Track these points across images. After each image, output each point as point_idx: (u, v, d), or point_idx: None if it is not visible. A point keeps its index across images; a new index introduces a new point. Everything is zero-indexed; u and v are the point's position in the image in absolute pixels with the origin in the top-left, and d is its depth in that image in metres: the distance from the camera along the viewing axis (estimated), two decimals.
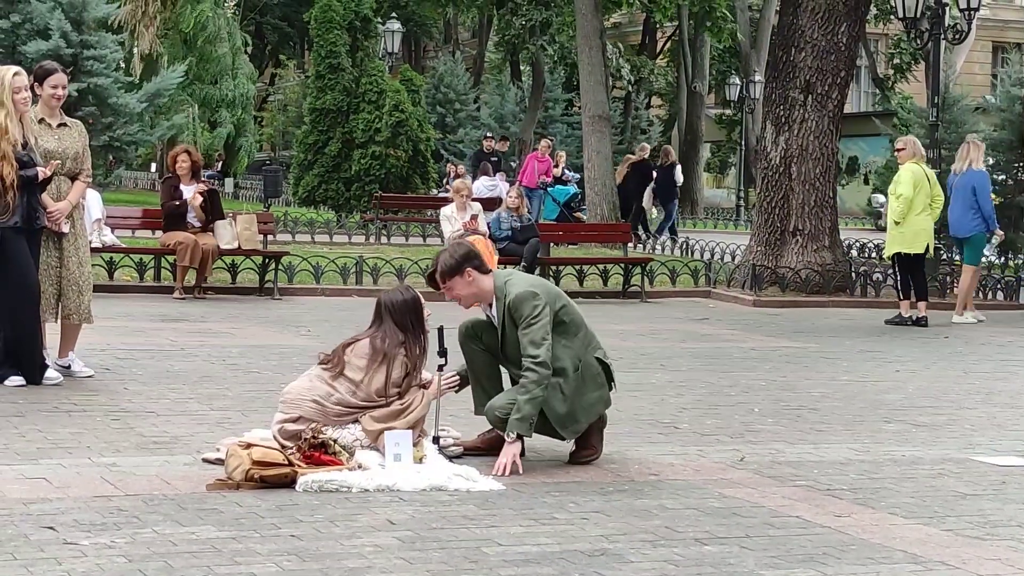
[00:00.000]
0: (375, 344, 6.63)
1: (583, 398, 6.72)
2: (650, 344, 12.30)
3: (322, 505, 5.72)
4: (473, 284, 6.71)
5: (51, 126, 8.79)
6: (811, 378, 10.46)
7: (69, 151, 8.76)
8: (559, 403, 6.65)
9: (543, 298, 6.63)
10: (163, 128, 28.51)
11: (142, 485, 5.93)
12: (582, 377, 6.72)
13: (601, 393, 6.79)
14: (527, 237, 16.63)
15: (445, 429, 6.87)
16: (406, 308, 6.70)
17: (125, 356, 9.95)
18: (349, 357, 6.62)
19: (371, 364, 6.59)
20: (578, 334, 6.76)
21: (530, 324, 6.56)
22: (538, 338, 6.55)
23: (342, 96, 29.14)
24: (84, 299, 8.81)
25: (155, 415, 7.69)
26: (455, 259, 6.72)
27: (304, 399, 6.53)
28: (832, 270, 17.86)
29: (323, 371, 6.65)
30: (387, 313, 6.69)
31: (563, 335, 6.69)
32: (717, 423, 8.24)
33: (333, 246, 21.70)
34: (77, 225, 8.86)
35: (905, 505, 6.16)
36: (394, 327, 6.65)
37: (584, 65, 25.84)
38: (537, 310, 6.59)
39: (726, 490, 6.30)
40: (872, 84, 51.67)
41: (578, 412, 6.71)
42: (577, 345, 6.74)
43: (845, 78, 18.25)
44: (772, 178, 18.15)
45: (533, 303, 6.58)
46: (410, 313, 6.70)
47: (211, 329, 11.97)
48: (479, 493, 6.02)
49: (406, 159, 28.59)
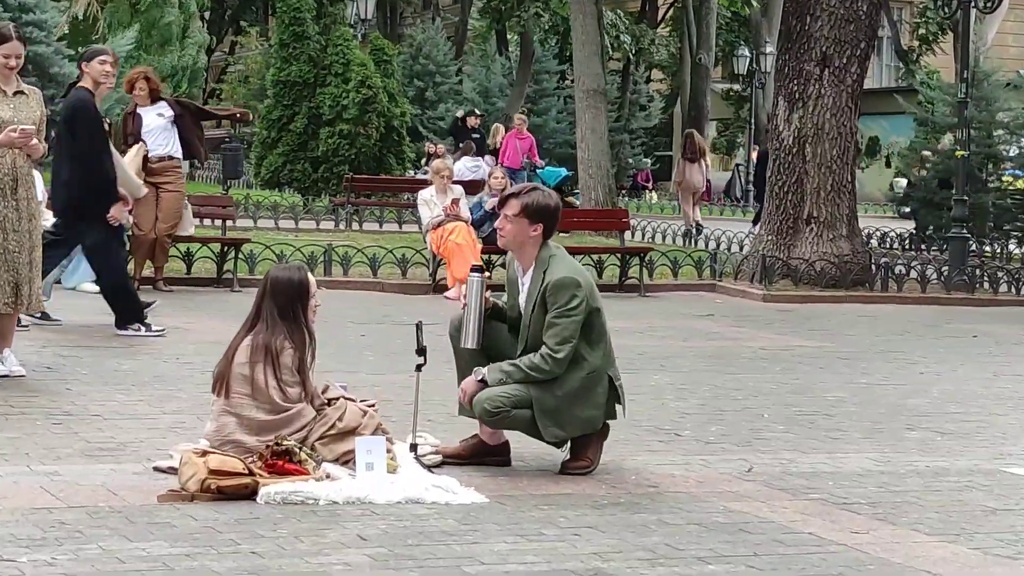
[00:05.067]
0: (256, 341, 6.49)
1: (576, 409, 6.73)
2: (649, 342, 12.32)
3: (286, 519, 5.72)
4: (531, 240, 6.72)
5: (6, 94, 8.78)
6: (826, 380, 10.48)
7: (26, 121, 8.74)
8: (551, 398, 6.67)
9: (584, 292, 6.66)
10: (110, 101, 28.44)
11: (86, 496, 5.92)
12: (587, 389, 6.73)
13: (595, 414, 6.79)
14: None
15: (422, 435, 6.87)
16: (291, 289, 6.57)
17: (68, 354, 9.93)
18: (234, 369, 6.51)
19: (254, 364, 6.47)
20: (600, 343, 6.80)
21: (563, 315, 6.60)
22: (567, 335, 6.60)
23: (308, 67, 29.10)
24: (36, 286, 8.81)
25: (101, 419, 7.67)
26: (546, 205, 6.73)
27: (224, 445, 6.34)
28: (850, 261, 17.89)
29: (217, 401, 6.52)
30: (271, 290, 6.57)
31: (586, 339, 6.71)
32: (722, 430, 8.25)
33: (299, 233, 21.66)
34: (32, 205, 8.85)
35: (929, 521, 6.18)
36: (273, 310, 6.52)
37: (577, 34, 25.83)
38: (575, 302, 6.62)
39: (732, 504, 6.32)
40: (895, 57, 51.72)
41: (565, 418, 6.72)
42: (597, 356, 6.76)
43: (865, 50, 18.27)
44: (785, 160, 18.17)
45: (573, 292, 6.61)
46: (294, 297, 6.57)
47: (164, 324, 11.94)
48: (460, 506, 6.03)
49: (378, 137, 28.57)
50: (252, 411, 6.43)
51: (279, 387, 6.46)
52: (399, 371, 9.14)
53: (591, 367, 6.74)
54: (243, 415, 6.42)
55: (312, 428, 6.48)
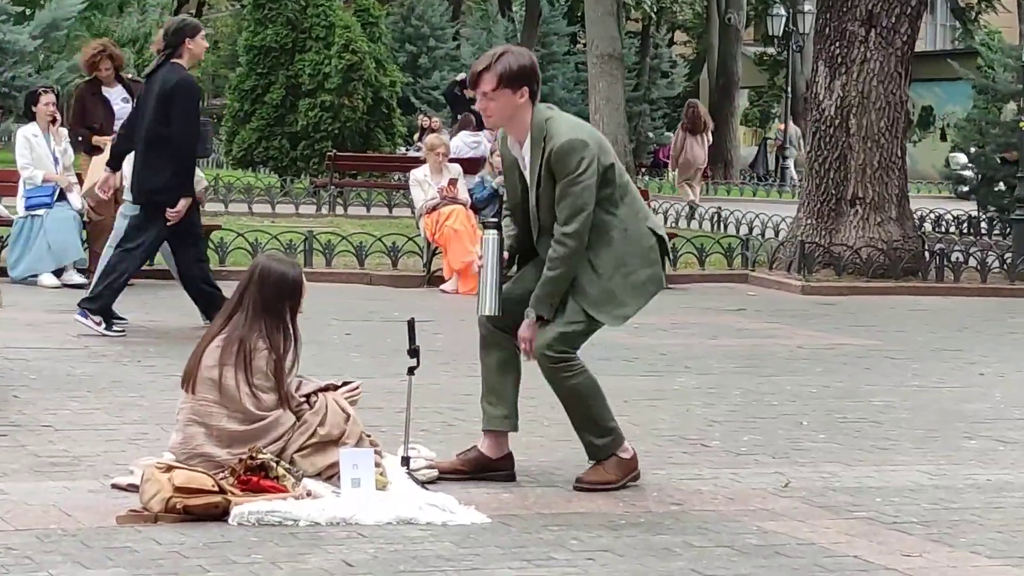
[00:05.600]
0: (229, 336, 6.49)
1: (630, 276, 6.74)
2: (673, 341, 12.32)
3: (261, 542, 5.72)
4: (519, 108, 6.72)
5: None
6: (873, 383, 10.48)
7: None
8: (590, 283, 6.69)
9: (593, 151, 6.66)
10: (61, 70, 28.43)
11: (36, 517, 5.93)
12: (627, 250, 6.74)
13: (654, 271, 6.83)
14: None
15: (415, 447, 6.88)
16: (283, 286, 6.57)
17: (14, 356, 9.94)
18: (201, 372, 6.48)
19: (223, 367, 6.46)
20: (625, 199, 6.79)
21: (573, 183, 6.60)
22: (578, 205, 6.60)
23: (286, 31, 29.13)
24: None
25: (52, 430, 7.68)
26: (521, 66, 6.71)
27: (191, 459, 6.32)
28: (900, 248, 17.90)
29: (186, 404, 6.50)
30: (258, 280, 6.57)
31: (607, 200, 6.72)
32: (756, 440, 8.25)
33: (276, 218, 21.68)
34: None
35: (990, 542, 6.18)
36: (257, 302, 6.52)
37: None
38: (584, 165, 6.62)
39: (767, 523, 6.32)
40: (950, 15, 51.72)
41: (621, 291, 6.73)
42: (624, 213, 6.77)
43: (917, 8, 18.26)
44: (826, 133, 18.17)
45: (581, 155, 6.61)
46: (283, 295, 6.57)
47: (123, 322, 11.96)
48: (458, 527, 6.03)
49: (364, 110, 28.57)
50: (222, 420, 6.43)
51: (252, 393, 6.46)
52: (389, 375, 9.15)
53: (622, 225, 6.74)
54: (212, 424, 6.43)
55: (291, 438, 6.48)
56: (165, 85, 10.92)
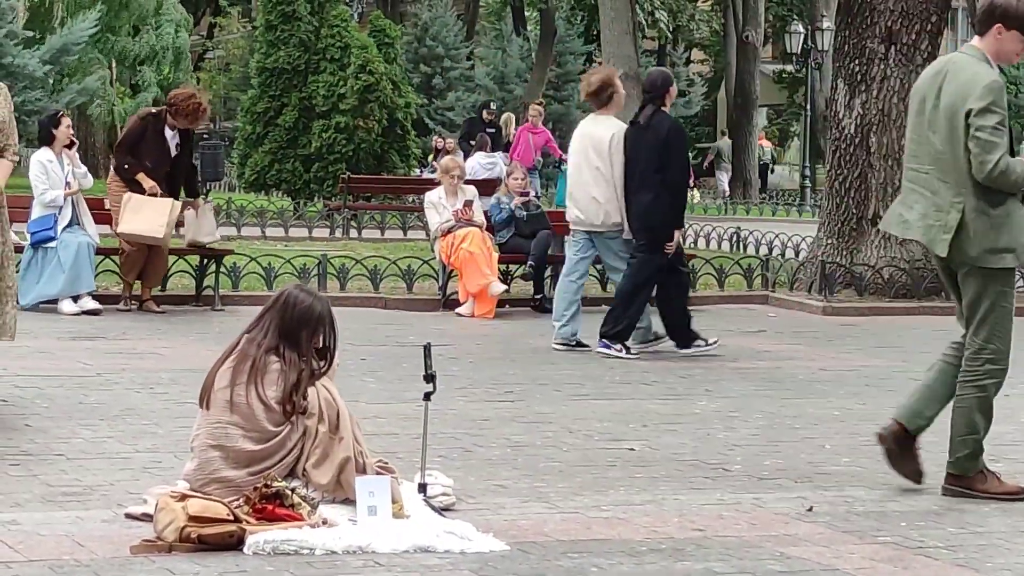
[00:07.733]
0: (241, 350, 6.49)
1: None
2: (692, 363, 12.31)
3: (277, 572, 5.72)
4: None
5: None
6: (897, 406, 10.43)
7: None
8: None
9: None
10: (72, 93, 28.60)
11: (49, 548, 5.93)
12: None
13: None
14: (535, 229, 16.61)
15: (432, 474, 6.87)
16: (308, 315, 6.54)
17: (26, 384, 9.95)
18: (215, 394, 6.47)
19: (235, 386, 6.45)
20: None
21: None
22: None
23: (298, 52, 29.19)
24: (6, 309, 8.82)
25: (65, 459, 7.69)
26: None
27: (207, 485, 6.33)
28: (923, 268, 17.85)
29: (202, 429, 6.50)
30: (282, 306, 6.55)
31: None
32: (778, 463, 8.24)
33: (289, 242, 21.69)
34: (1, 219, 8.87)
35: (1017, 567, 6.16)
36: (277, 324, 6.51)
37: (606, 10, 25.84)
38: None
39: (789, 549, 6.30)
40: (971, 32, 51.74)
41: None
42: None
43: (937, 24, 18.27)
44: (846, 152, 18.15)
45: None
46: (305, 325, 6.53)
47: (135, 349, 11.97)
48: (476, 555, 6.02)
49: (379, 131, 28.63)
50: (239, 440, 6.43)
51: (266, 407, 6.45)
52: (405, 400, 9.15)
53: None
54: (229, 446, 6.42)
55: (304, 446, 6.47)
56: (667, 133, 12.48)
